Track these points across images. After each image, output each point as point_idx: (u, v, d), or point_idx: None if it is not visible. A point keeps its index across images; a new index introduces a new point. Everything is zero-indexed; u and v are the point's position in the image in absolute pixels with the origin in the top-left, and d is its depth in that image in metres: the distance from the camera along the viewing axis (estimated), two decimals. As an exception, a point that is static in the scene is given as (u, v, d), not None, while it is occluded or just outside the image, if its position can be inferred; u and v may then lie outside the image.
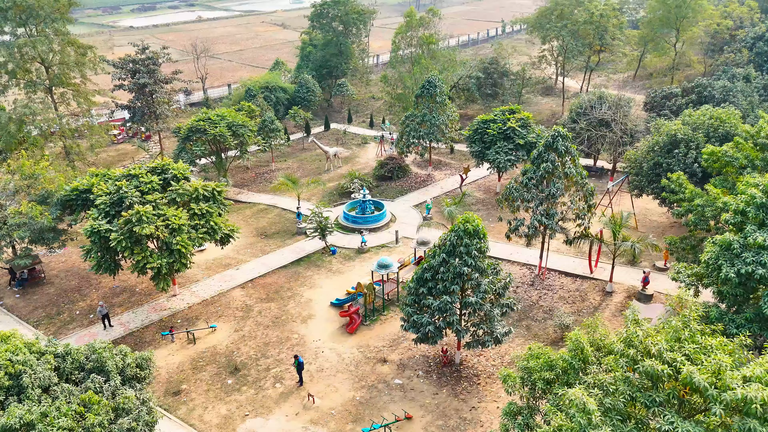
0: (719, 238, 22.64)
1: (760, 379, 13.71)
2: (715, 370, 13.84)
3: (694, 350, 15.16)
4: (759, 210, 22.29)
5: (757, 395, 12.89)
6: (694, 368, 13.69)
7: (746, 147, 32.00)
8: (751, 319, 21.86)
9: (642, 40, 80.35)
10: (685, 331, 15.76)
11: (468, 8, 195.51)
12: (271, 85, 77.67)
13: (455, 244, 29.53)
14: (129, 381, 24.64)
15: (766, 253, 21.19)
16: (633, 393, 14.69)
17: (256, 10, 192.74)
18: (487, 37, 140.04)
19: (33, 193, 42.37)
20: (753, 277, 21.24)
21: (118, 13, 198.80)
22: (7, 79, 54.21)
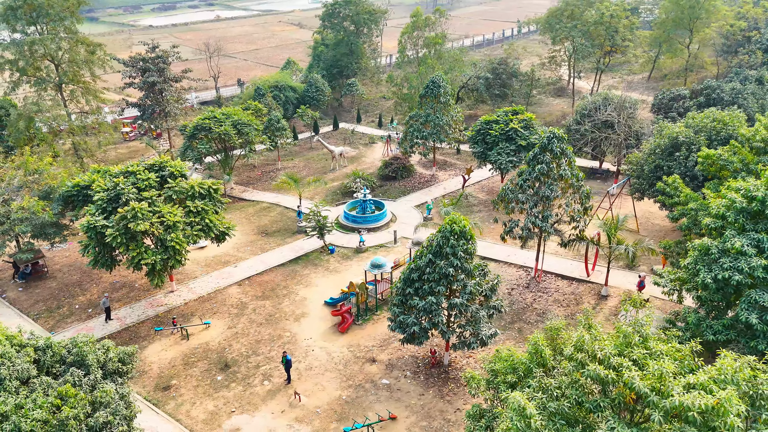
0: (698, 242, 22.26)
1: (703, 386, 13.46)
2: (659, 376, 13.61)
3: (643, 356, 14.93)
4: (739, 215, 21.87)
5: (696, 403, 12.66)
6: (635, 374, 13.48)
7: (742, 150, 31.40)
8: (728, 325, 21.46)
9: (655, 41, 79.20)
10: (635, 336, 15.52)
11: (485, 8, 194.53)
12: (280, 84, 78.13)
13: (441, 244, 29.45)
14: (111, 375, 24.97)
15: (744, 258, 20.77)
16: (580, 398, 14.51)
17: (274, 10, 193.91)
18: (502, 37, 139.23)
19: (36, 189, 43.14)
20: (730, 283, 20.84)
21: (139, 13, 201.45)
22: (18, 76, 55.17)
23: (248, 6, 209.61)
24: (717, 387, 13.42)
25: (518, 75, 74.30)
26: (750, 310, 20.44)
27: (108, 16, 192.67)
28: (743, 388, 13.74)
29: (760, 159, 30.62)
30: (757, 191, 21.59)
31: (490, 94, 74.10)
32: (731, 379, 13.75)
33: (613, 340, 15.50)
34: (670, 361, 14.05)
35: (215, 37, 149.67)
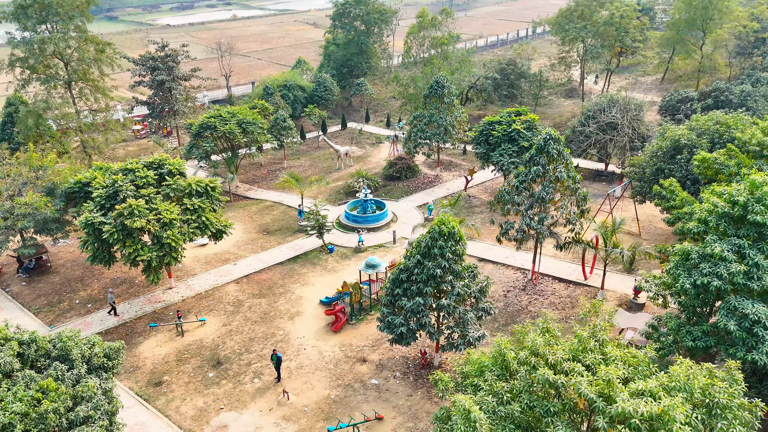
0: (679, 247, 21.92)
1: (652, 393, 13.23)
2: (606, 381, 13.40)
3: (597, 361, 14.72)
4: (721, 219, 21.47)
5: (639, 409, 12.45)
6: (582, 379, 13.30)
7: (739, 154, 30.84)
8: (708, 332, 21.09)
9: (667, 42, 78.12)
10: (590, 341, 15.30)
11: (502, 8, 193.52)
12: (289, 83, 78.43)
13: (430, 245, 29.36)
14: (96, 370, 25.24)
15: (723, 264, 20.39)
16: (532, 402, 14.34)
17: (291, 9, 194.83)
18: (516, 37, 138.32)
19: (40, 185, 43.82)
20: (709, 288, 20.47)
21: (158, 12, 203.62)
22: (28, 74, 56.06)
23: (265, 5, 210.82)
24: (666, 394, 13.19)
25: (527, 76, 73.79)
26: (729, 317, 20.07)
27: (127, 15, 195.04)
28: (697, 395, 13.49)
29: (756, 163, 30.07)
30: (739, 196, 21.19)
31: (498, 94, 73.68)
32: (683, 387, 13.50)
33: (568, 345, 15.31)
34: (622, 367, 13.83)
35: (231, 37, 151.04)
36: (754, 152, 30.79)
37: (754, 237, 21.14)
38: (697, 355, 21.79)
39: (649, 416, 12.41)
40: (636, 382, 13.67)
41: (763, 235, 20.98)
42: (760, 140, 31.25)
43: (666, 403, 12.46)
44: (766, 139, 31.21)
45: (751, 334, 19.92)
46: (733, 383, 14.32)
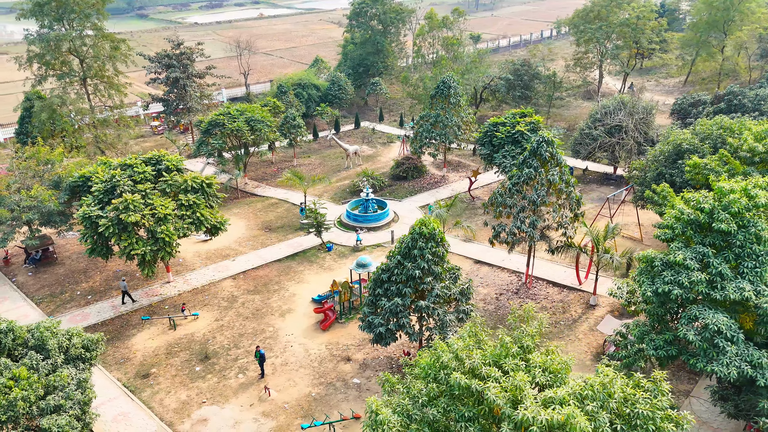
0: (642, 254, 21.45)
1: (562, 400, 12.97)
2: (514, 388, 13.20)
3: (517, 366, 14.49)
4: (687, 227, 20.93)
5: (539, 417, 12.23)
6: (490, 385, 13.12)
7: (731, 160, 30.01)
8: (670, 341, 20.59)
9: (687, 43, 76.35)
10: (513, 346, 15.06)
11: (528, 8, 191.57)
12: (303, 82, 78.93)
13: (410, 246, 29.32)
14: (73, 361, 25.90)
15: (685, 272, 19.89)
16: (449, 406, 14.21)
17: (317, 8, 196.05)
18: (540, 37, 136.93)
19: (47, 179, 44.98)
20: (670, 297, 19.99)
21: (187, 10, 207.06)
22: (45, 70, 57.55)
23: (292, 4, 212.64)
24: (577, 402, 12.93)
25: (541, 77, 72.91)
26: (689, 326, 19.57)
27: (158, 13, 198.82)
28: (612, 405, 13.19)
29: (747, 169, 29.22)
30: (705, 203, 20.62)
31: (512, 95, 73.00)
32: (598, 395, 13.21)
33: (490, 350, 15.12)
34: (541, 374, 13.59)
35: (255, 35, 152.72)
36: (745, 158, 29.92)
37: (720, 245, 20.58)
38: (664, 364, 21.32)
39: (550, 424, 12.19)
40: (549, 389, 13.45)
41: (729, 244, 20.41)
42: (750, 146, 30.35)
43: (566, 411, 12.23)
44: (756, 146, 30.30)
45: (712, 345, 19.41)
46: (658, 394, 13.96)
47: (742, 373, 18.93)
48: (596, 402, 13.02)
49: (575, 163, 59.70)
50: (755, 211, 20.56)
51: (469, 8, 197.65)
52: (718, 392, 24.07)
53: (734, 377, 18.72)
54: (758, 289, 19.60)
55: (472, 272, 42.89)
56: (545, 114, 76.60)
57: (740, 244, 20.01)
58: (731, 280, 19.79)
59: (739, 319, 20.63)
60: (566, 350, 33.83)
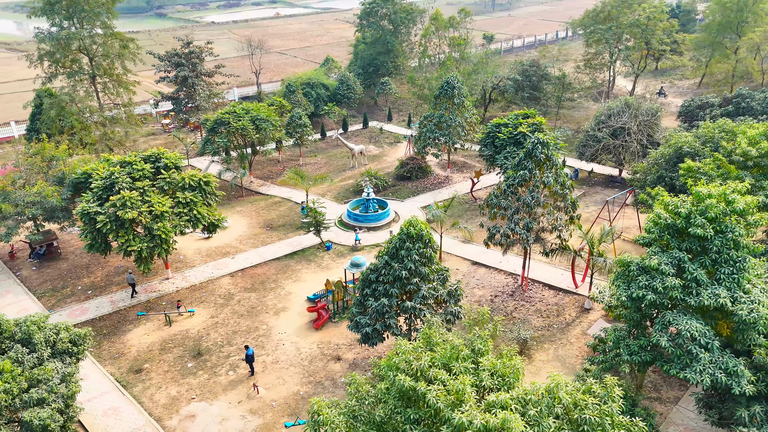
0: (618, 258, 21.15)
1: (503, 404, 12.83)
2: (456, 391, 13.09)
3: (467, 369, 14.36)
4: (664, 231, 20.59)
5: (475, 421, 12.11)
6: (431, 387, 13.02)
7: (725, 164, 29.49)
8: (645, 346, 20.28)
9: (699, 45, 75.14)
10: (464, 349, 14.94)
11: (546, 8, 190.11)
12: (312, 81, 79.23)
13: (398, 247, 29.28)
14: (60, 355, 26.26)
15: (660, 277, 19.57)
16: (397, 407, 14.13)
17: (333, 8, 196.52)
18: (556, 38, 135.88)
19: (51, 175, 45.69)
20: (644, 302, 19.69)
21: (205, 9, 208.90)
22: (55, 68, 58.44)
23: (309, 3, 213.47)
24: (519, 406, 12.78)
25: (549, 78, 72.29)
26: (663, 332, 19.27)
27: (176, 13, 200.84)
28: (558, 410, 13.02)
29: (741, 173, 28.68)
30: (682, 207, 20.27)
31: (520, 96, 72.51)
32: (543, 401, 13.05)
33: (441, 353, 15.01)
34: (488, 377, 13.48)
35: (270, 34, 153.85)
36: (739, 163, 29.36)
37: (697, 251, 20.23)
38: (642, 370, 21.03)
39: (487, 428, 12.07)
40: (493, 393, 13.32)
41: (706, 249, 20.05)
42: (744, 150, 29.77)
43: (502, 415, 12.10)
44: (750, 150, 29.71)
45: (685, 352, 19.09)
46: (608, 400, 13.75)
47: (717, 380, 18.62)
48: (541, 407, 12.88)
49: (580, 165, 59.17)
50: (735, 217, 20.18)
51: (486, 8, 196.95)
52: (702, 400, 23.73)
53: (707, 385, 18.41)
54: (735, 296, 19.23)
55: (469, 273, 42.73)
56: (554, 115, 76.03)
57: (717, 250, 19.64)
58: (707, 286, 19.45)
59: (717, 326, 20.29)
60: (557, 353, 33.59)
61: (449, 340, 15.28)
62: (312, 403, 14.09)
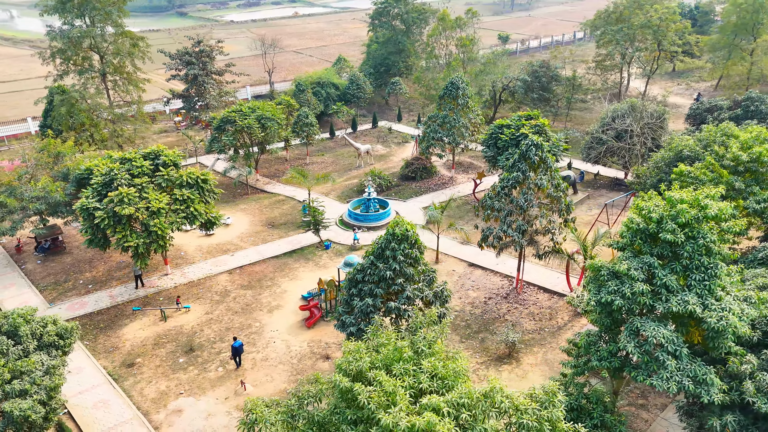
0: (590, 263, 20.88)
1: (435, 407, 12.73)
2: (389, 393, 13.03)
3: (408, 371, 14.28)
4: (635, 236, 20.26)
5: (401, 423, 12.05)
6: (365, 389, 12.98)
7: (718, 168, 28.92)
8: (614, 352, 19.99)
9: (714, 46, 73.79)
10: (407, 350, 14.84)
11: (566, 8, 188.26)
12: (322, 80, 79.47)
13: (383, 247, 29.29)
14: (46, 347, 26.74)
15: (629, 282, 19.26)
16: (338, 407, 14.10)
17: (351, 7, 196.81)
18: (573, 38, 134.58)
19: (56, 170, 46.53)
20: (612, 307, 19.41)
21: (226, 8, 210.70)
22: (66, 65, 59.46)
23: (328, 3, 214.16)
24: (453, 410, 12.69)
25: (559, 79, 71.58)
26: (631, 338, 18.98)
27: (197, 11, 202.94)
28: (493, 414, 12.89)
29: (731, 179, 28.10)
30: (653, 212, 19.92)
31: (530, 97, 71.95)
32: (478, 404, 12.94)
33: (384, 354, 14.95)
34: (427, 379, 13.40)
35: (288, 33, 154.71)
36: (729, 167, 28.76)
37: (668, 256, 19.87)
38: (615, 376, 20.76)
39: (410, 430, 11.99)
40: (428, 396, 13.23)
41: (677, 255, 19.68)
42: (734, 155, 29.15)
43: (426, 417, 12.03)
44: (741, 155, 29.06)
45: (653, 358, 18.78)
46: (549, 406, 13.58)
47: (684, 388, 18.29)
48: (476, 411, 12.79)
49: (586, 168, 58.55)
50: (711, 224, 19.79)
51: (505, 8, 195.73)
52: (682, 408, 23.36)
53: (674, 392, 18.09)
54: (706, 303, 18.87)
55: (465, 275, 42.56)
56: (564, 116, 75.33)
57: (689, 256, 19.28)
58: (678, 292, 19.10)
59: (689, 333, 19.93)
60: (546, 357, 33.30)
61: (392, 342, 15.24)
62: (247, 401, 14.17)
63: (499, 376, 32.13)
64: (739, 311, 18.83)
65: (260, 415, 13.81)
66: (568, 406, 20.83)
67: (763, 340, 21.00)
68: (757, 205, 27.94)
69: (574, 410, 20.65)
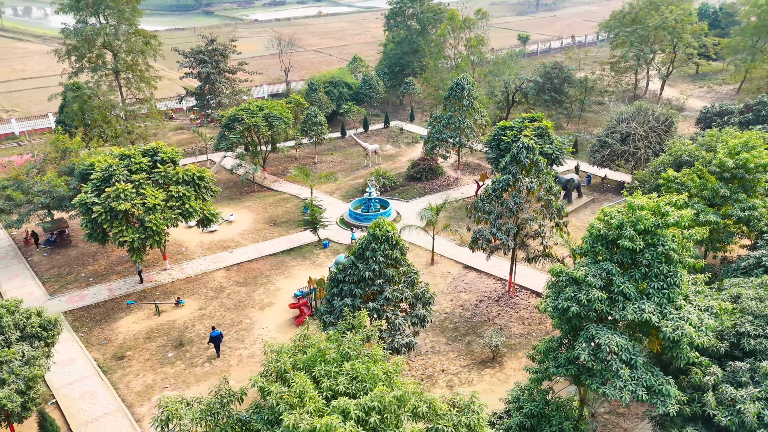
0: (550, 268, 20.54)
1: (344, 410, 12.64)
2: (298, 393, 13.00)
3: (328, 372, 14.21)
4: (596, 242, 19.85)
5: (301, 424, 12.00)
6: (277, 389, 12.98)
7: (706, 174, 28.19)
8: (572, 359, 19.63)
9: (734, 49, 71.94)
10: (330, 352, 14.76)
11: (592, 8, 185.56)
12: (335, 80, 79.69)
13: (364, 248, 29.31)
14: (29, 338, 27.39)
15: (586, 289, 18.88)
16: (255, 407, 14.14)
17: (376, 6, 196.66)
18: (596, 39, 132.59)
19: (62, 165, 47.60)
20: (568, 314, 19.06)
21: (251, 7, 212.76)
22: (81, 63, 60.75)
23: (353, 2, 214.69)
24: (361, 413, 12.61)
25: (572, 81, 70.58)
26: (586, 345, 18.61)
27: (223, 10, 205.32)
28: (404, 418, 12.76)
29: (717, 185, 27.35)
30: (614, 218, 19.49)
31: (542, 99, 71.14)
32: (390, 408, 12.82)
33: (308, 354, 14.93)
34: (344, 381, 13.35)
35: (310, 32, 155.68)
36: (715, 173, 27.98)
37: (627, 263, 19.44)
38: (576, 383, 20.40)
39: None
40: (341, 398, 13.18)
41: (636, 262, 19.24)
42: (720, 161, 28.34)
43: (325, 420, 11.97)
44: (726, 161, 28.23)
45: (607, 367, 18.40)
46: (467, 411, 13.39)
47: (638, 398, 17.89)
48: (387, 414, 12.69)
49: (594, 171, 57.70)
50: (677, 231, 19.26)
51: (530, 8, 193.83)
52: (654, 418, 22.88)
53: (626, 401, 17.70)
54: (664, 312, 18.40)
55: (459, 277, 42.31)
56: (577, 118, 74.34)
57: (648, 263, 18.83)
58: (635, 300, 18.68)
59: (650, 341, 19.48)
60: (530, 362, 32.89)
61: (316, 344, 15.24)
62: (161, 398, 14.32)
63: (481, 380, 31.91)
64: (697, 321, 18.35)
65: (174, 413, 13.98)
66: (529, 412, 20.59)
67: (731, 352, 20.45)
68: (742, 213, 27.15)
69: (534, 417, 20.38)
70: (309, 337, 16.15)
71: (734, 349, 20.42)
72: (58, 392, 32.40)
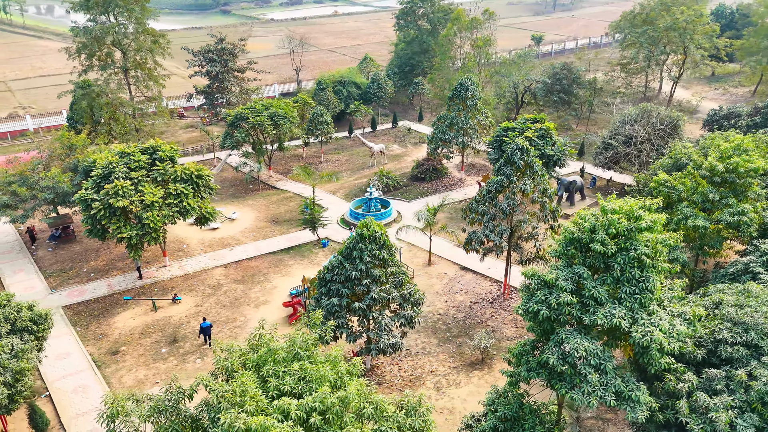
0: (523, 270, 20.33)
1: (284, 410, 12.64)
2: (240, 392, 13.02)
3: (273, 372, 14.22)
4: (569, 245, 19.61)
5: (236, 423, 12.02)
6: (218, 387, 13.00)
7: (697, 178, 27.72)
8: (542, 363, 19.42)
9: (746, 50, 70.66)
10: (281, 352, 14.75)
11: (610, 8, 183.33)
12: (344, 79, 79.80)
13: (351, 248, 29.36)
14: (19, 332, 27.85)
15: (556, 293, 18.66)
16: (206, 406, 14.20)
17: (391, 6, 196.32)
18: (612, 40, 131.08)
19: (67, 161, 48.30)
20: (538, 317, 18.86)
21: (268, 6, 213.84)
22: (90, 61, 61.57)
23: (369, 2, 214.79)
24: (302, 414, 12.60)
25: (581, 82, 69.87)
26: (555, 349, 18.40)
27: (240, 9, 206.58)
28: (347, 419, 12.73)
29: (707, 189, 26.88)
30: (587, 221, 19.23)
31: (551, 100, 70.54)
32: (332, 409, 12.81)
33: (258, 355, 14.94)
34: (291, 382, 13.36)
35: (325, 32, 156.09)
36: (705, 177, 27.50)
37: (600, 267, 19.19)
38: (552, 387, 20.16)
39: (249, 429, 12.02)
40: (282, 399, 13.19)
41: (609, 267, 18.98)
42: (710, 165, 27.83)
43: (260, 419, 11.98)
44: (717, 165, 27.67)
45: (576, 371, 18.17)
46: (413, 413, 13.31)
47: (606, 403, 17.65)
48: (330, 415, 12.69)
49: (599, 173, 57.11)
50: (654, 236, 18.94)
51: (547, 8, 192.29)
52: (635, 424, 22.61)
53: (594, 406, 17.48)
54: (636, 317, 18.13)
55: (455, 278, 42.14)
56: (586, 120, 73.61)
57: (620, 268, 18.56)
58: (606, 304, 18.42)
59: (623, 347, 19.22)
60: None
61: (266, 344, 15.28)
62: (107, 395, 14.46)
63: (469, 382, 31.76)
64: (668, 327, 18.06)
65: (120, 409, 14.12)
66: (503, 415, 20.45)
67: (708, 359, 20.11)
68: (731, 218, 26.62)
69: (508, 420, 20.24)
70: (263, 336, 16.21)
71: (711, 356, 20.08)
72: (52, 385, 32.89)
